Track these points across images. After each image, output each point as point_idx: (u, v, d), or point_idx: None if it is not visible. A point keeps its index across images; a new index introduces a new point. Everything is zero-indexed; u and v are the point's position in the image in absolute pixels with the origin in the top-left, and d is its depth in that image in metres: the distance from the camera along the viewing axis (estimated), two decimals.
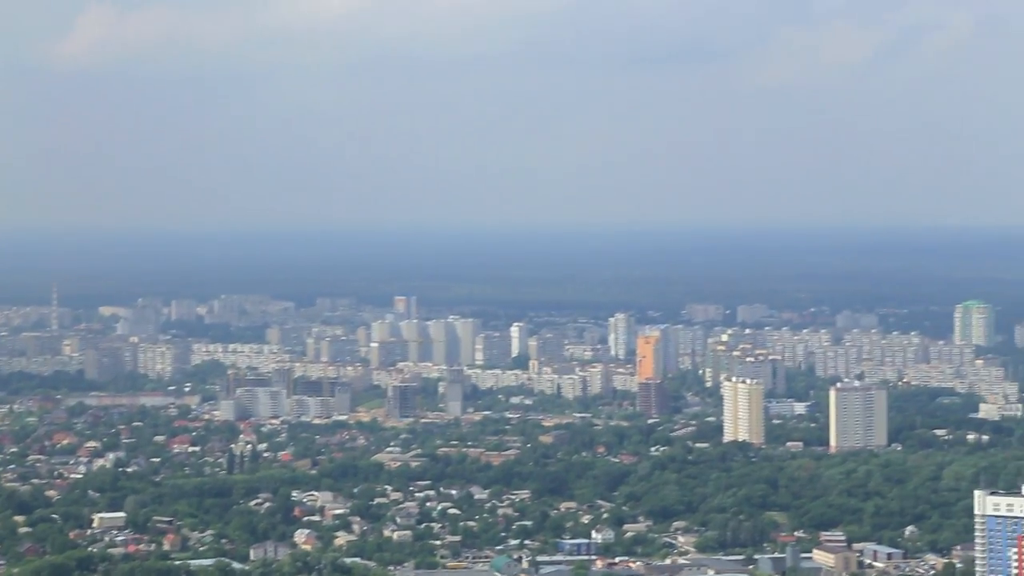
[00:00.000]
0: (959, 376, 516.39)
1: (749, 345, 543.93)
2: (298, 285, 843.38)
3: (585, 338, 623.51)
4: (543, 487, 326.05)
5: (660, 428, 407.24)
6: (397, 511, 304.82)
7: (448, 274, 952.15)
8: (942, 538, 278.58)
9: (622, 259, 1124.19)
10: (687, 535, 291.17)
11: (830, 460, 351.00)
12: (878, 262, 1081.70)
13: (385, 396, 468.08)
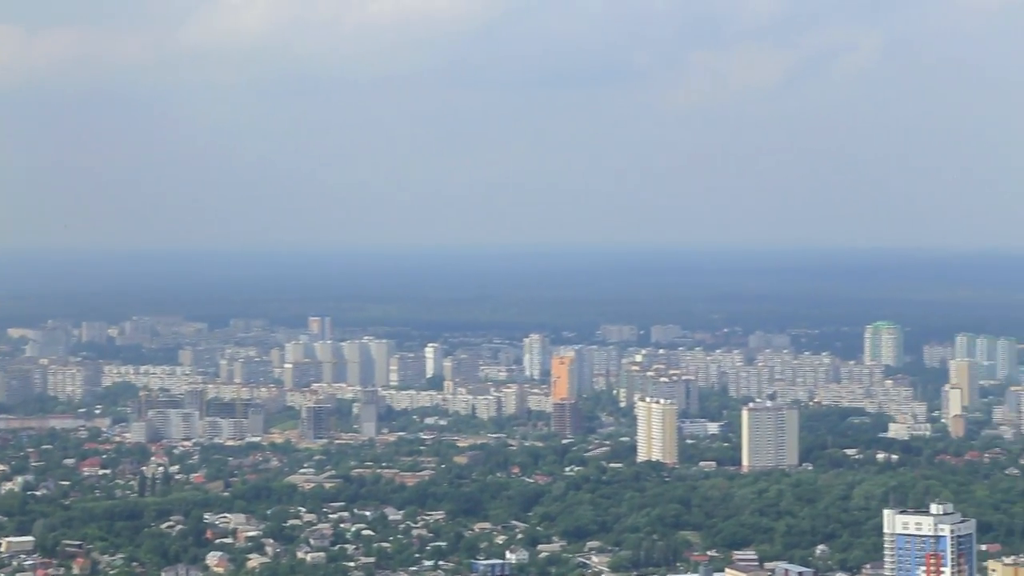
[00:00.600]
0: (869, 396, 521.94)
1: (663, 365, 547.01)
2: (211, 306, 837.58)
3: (500, 359, 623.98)
4: (457, 508, 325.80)
5: (574, 448, 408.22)
6: (311, 533, 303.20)
7: (363, 295, 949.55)
8: (852, 557, 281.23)
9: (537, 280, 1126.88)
10: (601, 555, 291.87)
11: (742, 480, 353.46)
12: (790, 283, 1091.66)
13: (299, 417, 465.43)
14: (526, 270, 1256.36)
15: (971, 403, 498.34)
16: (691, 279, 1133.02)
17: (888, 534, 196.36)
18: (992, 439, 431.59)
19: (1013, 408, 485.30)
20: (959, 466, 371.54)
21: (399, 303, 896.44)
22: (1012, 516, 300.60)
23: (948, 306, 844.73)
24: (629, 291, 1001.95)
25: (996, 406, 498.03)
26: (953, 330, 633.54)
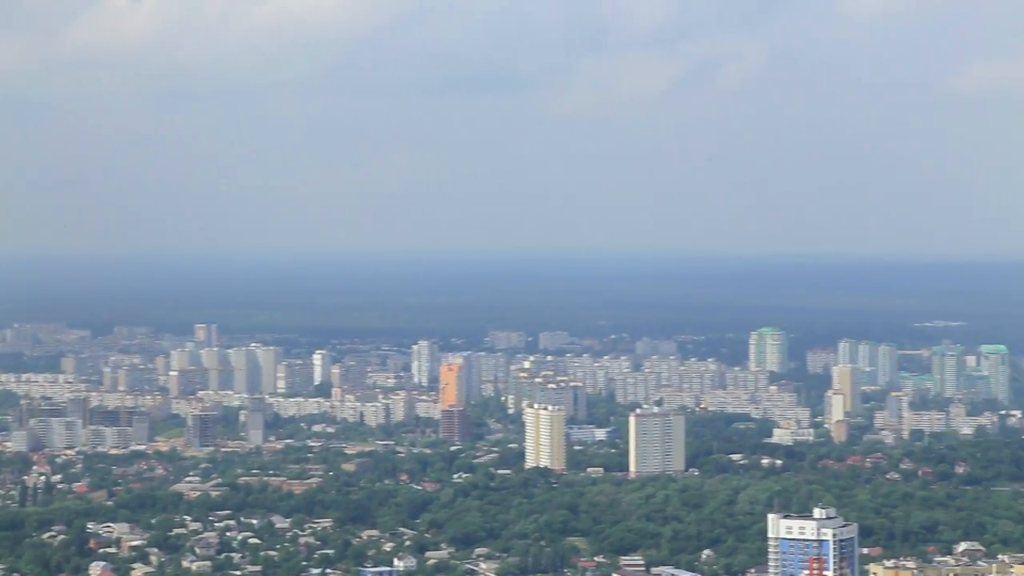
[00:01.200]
0: (754, 402, 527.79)
1: (551, 372, 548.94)
2: (94, 313, 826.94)
3: (388, 365, 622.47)
4: (345, 515, 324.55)
5: (463, 455, 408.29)
6: (196, 542, 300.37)
7: (249, 302, 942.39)
8: (737, 561, 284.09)
9: (425, 286, 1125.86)
10: (489, 561, 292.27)
11: (629, 485, 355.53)
12: (676, 290, 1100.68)
13: (185, 425, 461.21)
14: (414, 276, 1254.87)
15: (853, 408, 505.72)
16: (579, 286, 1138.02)
17: (772, 538, 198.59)
18: (873, 444, 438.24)
19: (894, 413, 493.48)
20: (841, 471, 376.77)
21: (286, 310, 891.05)
22: (893, 520, 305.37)
23: (831, 313, 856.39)
24: (517, 298, 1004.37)
25: (877, 411, 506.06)
26: (836, 336, 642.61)
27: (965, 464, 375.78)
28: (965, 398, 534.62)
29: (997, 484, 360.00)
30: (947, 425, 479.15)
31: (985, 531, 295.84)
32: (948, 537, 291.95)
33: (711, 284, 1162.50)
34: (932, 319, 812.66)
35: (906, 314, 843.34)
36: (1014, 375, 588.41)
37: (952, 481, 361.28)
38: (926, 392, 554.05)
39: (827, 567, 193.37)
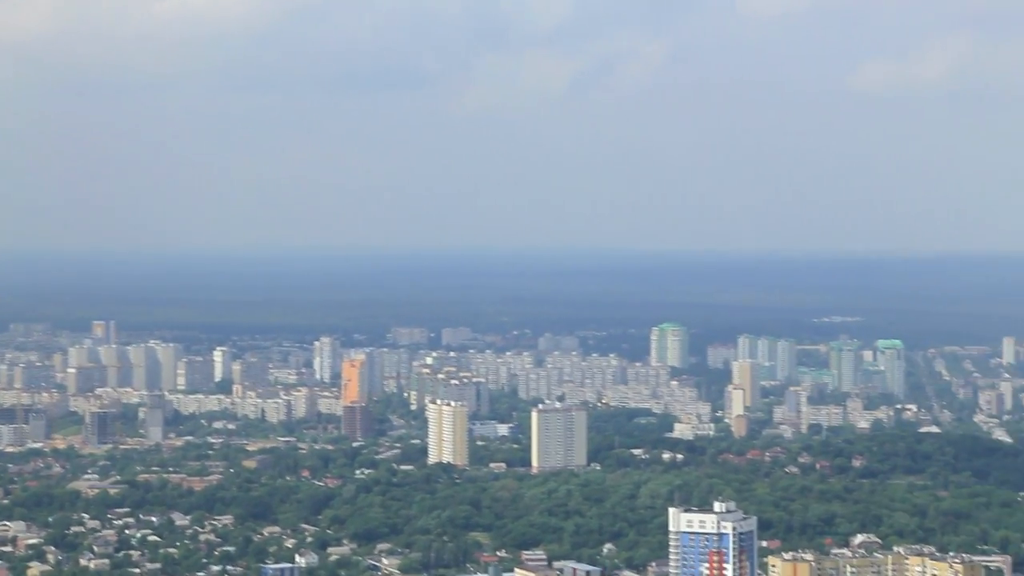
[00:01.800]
0: (655, 397, 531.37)
1: (453, 368, 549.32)
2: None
3: (290, 362, 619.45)
4: (246, 512, 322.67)
5: (365, 451, 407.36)
6: (94, 540, 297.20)
7: (148, 298, 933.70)
8: (638, 555, 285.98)
9: (327, 282, 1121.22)
10: (391, 557, 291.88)
11: (532, 480, 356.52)
12: (578, 286, 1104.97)
13: (83, 423, 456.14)
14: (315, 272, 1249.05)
15: (753, 403, 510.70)
16: (481, 282, 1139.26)
17: (673, 532, 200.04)
18: (773, 438, 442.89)
19: (792, 408, 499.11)
20: (741, 465, 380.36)
21: (186, 306, 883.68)
22: (791, 513, 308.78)
23: (731, 309, 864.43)
24: (420, 294, 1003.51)
25: (776, 406, 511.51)
26: (736, 332, 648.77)
27: (862, 457, 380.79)
28: (862, 392, 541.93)
29: (893, 477, 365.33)
30: (844, 419, 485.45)
31: (881, 523, 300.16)
32: (845, 529, 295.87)
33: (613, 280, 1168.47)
34: (830, 315, 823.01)
35: (804, 310, 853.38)
36: (909, 369, 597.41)
37: (849, 474, 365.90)
38: (824, 387, 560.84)
39: (727, 560, 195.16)
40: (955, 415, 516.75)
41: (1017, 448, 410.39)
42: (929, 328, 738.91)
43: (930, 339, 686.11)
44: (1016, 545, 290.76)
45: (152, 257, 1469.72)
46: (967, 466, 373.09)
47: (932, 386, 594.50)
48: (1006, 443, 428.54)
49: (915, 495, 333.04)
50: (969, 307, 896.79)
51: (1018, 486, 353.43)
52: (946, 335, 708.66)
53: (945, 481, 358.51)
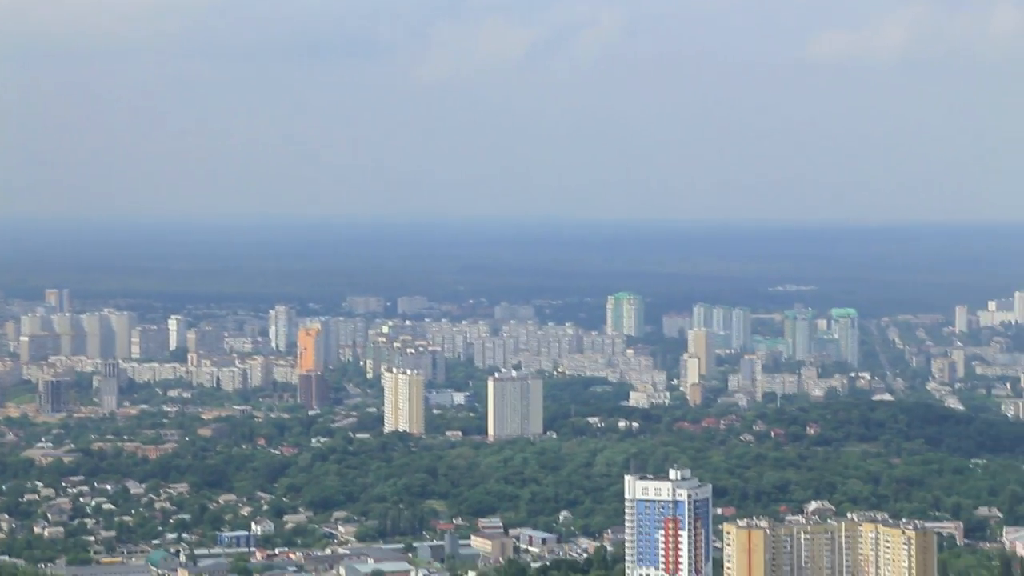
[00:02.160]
0: (611, 365, 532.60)
1: (409, 337, 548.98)
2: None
3: (245, 330, 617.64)
4: (202, 480, 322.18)
5: (321, 419, 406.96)
6: (48, 508, 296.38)
7: (102, 266, 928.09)
8: (594, 522, 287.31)
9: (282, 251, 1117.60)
10: (347, 525, 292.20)
11: (488, 449, 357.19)
12: (534, 254, 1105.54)
13: (36, 391, 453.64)
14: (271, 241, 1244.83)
15: (708, 371, 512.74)
16: (436, 251, 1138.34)
17: (629, 500, 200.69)
18: (728, 406, 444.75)
19: (747, 376, 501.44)
20: (696, 433, 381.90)
21: (140, 275, 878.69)
22: (746, 480, 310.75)
23: (686, 278, 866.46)
24: (375, 262, 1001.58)
25: (731, 374, 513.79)
26: (691, 301, 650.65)
27: (816, 425, 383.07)
28: (816, 361, 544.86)
29: (847, 445, 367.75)
30: (799, 387, 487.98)
31: (835, 490, 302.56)
32: (799, 497, 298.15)
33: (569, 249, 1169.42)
34: (784, 283, 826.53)
35: (759, 279, 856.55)
36: (863, 338, 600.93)
37: (803, 442, 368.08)
38: (778, 355, 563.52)
39: (682, 528, 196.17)
40: (908, 383, 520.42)
41: (969, 416, 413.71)
42: (883, 297, 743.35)
43: (884, 308, 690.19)
44: (968, 511, 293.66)
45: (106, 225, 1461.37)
46: (920, 433, 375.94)
47: (885, 354, 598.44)
48: (958, 411, 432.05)
49: (868, 462, 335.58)
50: (922, 276, 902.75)
51: (970, 453, 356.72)
52: (899, 304, 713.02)
53: (898, 448, 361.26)
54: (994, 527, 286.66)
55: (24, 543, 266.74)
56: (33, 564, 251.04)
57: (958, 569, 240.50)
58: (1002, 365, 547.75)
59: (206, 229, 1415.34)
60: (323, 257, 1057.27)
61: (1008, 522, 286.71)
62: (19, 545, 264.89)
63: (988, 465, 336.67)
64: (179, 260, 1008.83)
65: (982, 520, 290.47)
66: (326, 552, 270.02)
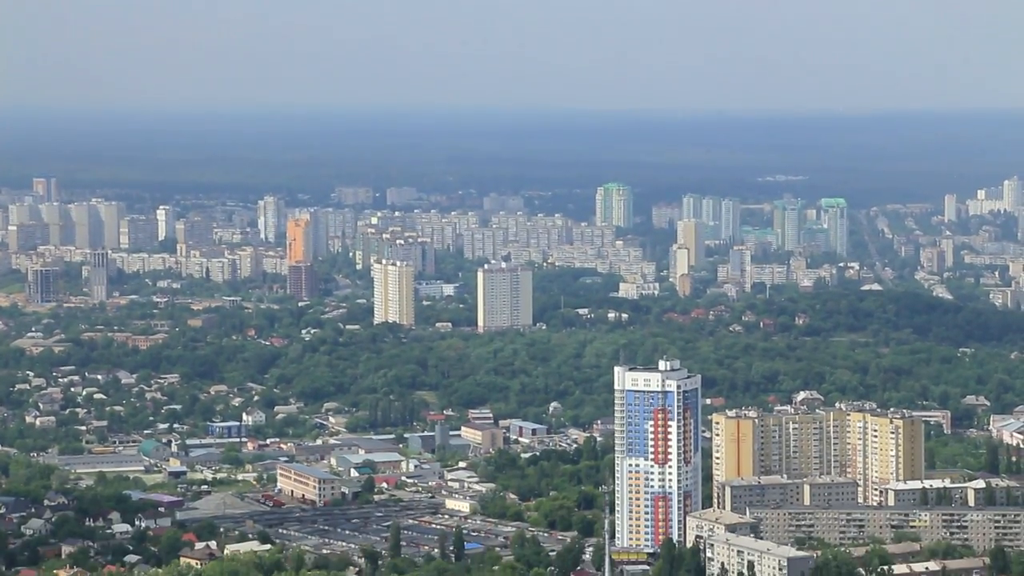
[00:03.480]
0: (600, 257, 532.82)
1: (399, 228, 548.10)
2: None
3: (234, 221, 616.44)
4: (192, 371, 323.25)
5: (311, 311, 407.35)
6: (40, 397, 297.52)
7: (90, 155, 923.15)
8: (584, 413, 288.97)
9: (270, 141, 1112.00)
10: (338, 416, 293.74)
11: (478, 340, 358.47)
12: (522, 145, 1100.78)
13: (25, 280, 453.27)
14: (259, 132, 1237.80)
15: (697, 262, 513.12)
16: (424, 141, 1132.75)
17: (618, 390, 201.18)
18: (717, 297, 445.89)
19: (736, 267, 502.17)
20: (686, 323, 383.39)
21: (129, 164, 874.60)
22: (735, 371, 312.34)
23: (676, 168, 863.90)
24: (364, 153, 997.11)
25: (720, 265, 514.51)
26: (680, 191, 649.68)
27: (805, 316, 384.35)
28: (805, 251, 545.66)
29: (835, 335, 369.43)
30: (788, 278, 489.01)
31: (824, 380, 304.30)
32: (788, 387, 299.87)
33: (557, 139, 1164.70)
34: (774, 174, 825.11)
35: (749, 169, 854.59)
36: (852, 228, 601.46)
37: (792, 332, 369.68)
38: (768, 245, 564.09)
39: (671, 418, 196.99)
40: (897, 273, 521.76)
41: (958, 305, 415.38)
42: (872, 186, 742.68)
43: (873, 197, 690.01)
44: (956, 400, 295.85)
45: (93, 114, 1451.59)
46: (908, 323, 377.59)
47: (874, 244, 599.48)
48: (947, 300, 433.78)
49: (857, 352, 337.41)
50: (912, 165, 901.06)
51: (958, 342, 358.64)
52: (889, 193, 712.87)
53: (886, 338, 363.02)
54: (981, 415, 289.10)
55: (16, 432, 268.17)
56: (25, 453, 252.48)
57: (945, 457, 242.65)
58: (991, 254, 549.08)
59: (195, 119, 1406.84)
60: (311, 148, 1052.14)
61: (995, 410, 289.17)
62: (11, 434, 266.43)
63: (976, 354, 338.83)
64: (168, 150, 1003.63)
65: (969, 408, 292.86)
66: (317, 443, 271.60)
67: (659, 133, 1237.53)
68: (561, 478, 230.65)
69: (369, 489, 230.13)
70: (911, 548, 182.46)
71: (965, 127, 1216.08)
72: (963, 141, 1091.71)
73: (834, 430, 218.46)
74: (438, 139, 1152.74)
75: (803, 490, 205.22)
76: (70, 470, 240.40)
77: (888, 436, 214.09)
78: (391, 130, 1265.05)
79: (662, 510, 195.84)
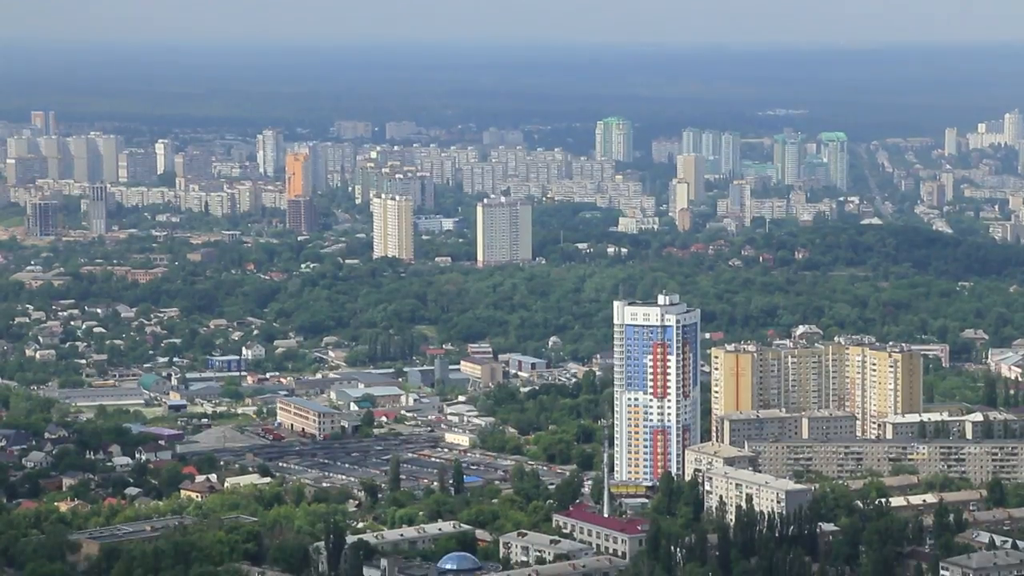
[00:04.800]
0: (600, 191, 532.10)
1: (398, 162, 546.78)
2: None
3: (233, 155, 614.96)
4: (192, 305, 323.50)
5: (310, 245, 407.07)
6: (39, 331, 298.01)
7: (88, 88, 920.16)
8: (583, 347, 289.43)
9: (269, 75, 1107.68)
10: (337, 350, 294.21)
11: (477, 274, 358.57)
12: (523, 79, 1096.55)
13: (24, 214, 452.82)
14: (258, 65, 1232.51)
15: (697, 197, 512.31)
16: (423, 75, 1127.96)
17: (617, 325, 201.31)
18: (716, 231, 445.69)
19: (736, 201, 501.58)
20: (685, 258, 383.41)
21: (127, 97, 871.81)
22: (734, 305, 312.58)
23: (675, 102, 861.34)
24: (363, 87, 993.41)
25: (720, 199, 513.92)
26: (680, 125, 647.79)
27: (804, 250, 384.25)
28: (805, 185, 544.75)
29: (835, 269, 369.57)
30: (787, 212, 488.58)
31: (823, 314, 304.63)
32: (787, 321, 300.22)
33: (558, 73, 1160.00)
34: (774, 107, 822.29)
35: (749, 102, 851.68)
36: (852, 162, 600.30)
37: (791, 266, 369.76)
38: (767, 180, 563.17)
39: (670, 352, 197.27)
40: (897, 207, 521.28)
41: (957, 238, 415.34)
42: (873, 120, 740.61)
43: (873, 131, 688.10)
44: (954, 334, 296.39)
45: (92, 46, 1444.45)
46: (908, 257, 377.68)
47: (875, 178, 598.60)
48: (946, 233, 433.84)
49: (856, 286, 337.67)
50: (913, 99, 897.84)
51: (957, 276, 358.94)
52: (889, 127, 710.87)
53: (886, 272, 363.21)
54: (979, 349, 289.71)
55: (16, 365, 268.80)
56: (25, 386, 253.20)
57: (943, 390, 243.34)
58: (991, 187, 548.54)
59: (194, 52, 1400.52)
60: (311, 81, 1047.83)
61: (993, 344, 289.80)
62: (11, 367, 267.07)
63: (975, 288, 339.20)
64: (166, 83, 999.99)
65: (968, 342, 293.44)
66: (316, 377, 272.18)
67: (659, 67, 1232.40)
68: (560, 412, 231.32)
69: (369, 423, 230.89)
70: (909, 481, 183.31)
71: (966, 60, 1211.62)
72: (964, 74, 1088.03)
73: (833, 364, 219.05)
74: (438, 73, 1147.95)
75: (801, 424, 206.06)
76: (70, 403, 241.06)
77: (887, 370, 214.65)
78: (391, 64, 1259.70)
79: (661, 444, 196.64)
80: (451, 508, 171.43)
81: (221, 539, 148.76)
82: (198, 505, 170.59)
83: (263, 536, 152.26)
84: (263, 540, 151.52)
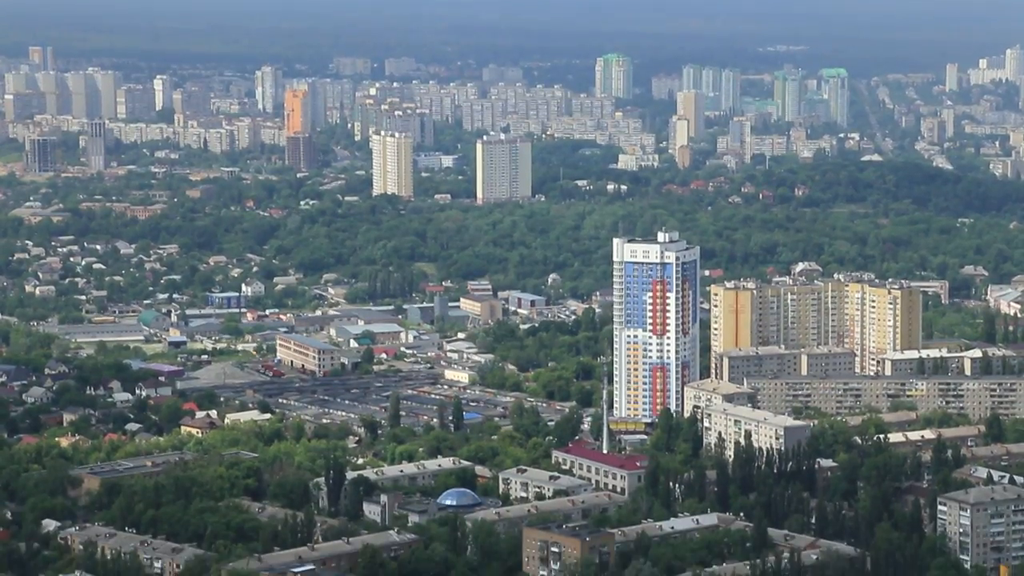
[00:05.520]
0: (600, 128, 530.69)
1: (397, 99, 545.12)
2: None
3: (231, 91, 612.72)
4: (191, 241, 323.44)
5: (309, 182, 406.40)
6: (39, 267, 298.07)
7: (86, 23, 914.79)
8: (583, 285, 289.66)
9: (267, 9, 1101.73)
10: (337, 287, 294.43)
11: (477, 212, 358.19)
12: (522, 15, 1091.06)
13: (22, 150, 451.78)
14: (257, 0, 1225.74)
15: (697, 134, 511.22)
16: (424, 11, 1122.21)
17: (617, 262, 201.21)
18: (716, 168, 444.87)
19: (736, 138, 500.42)
20: (685, 195, 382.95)
21: (125, 33, 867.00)
22: (734, 243, 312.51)
23: (675, 38, 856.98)
24: (362, 22, 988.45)
25: (720, 136, 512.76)
26: (680, 62, 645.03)
27: (804, 187, 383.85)
28: (805, 122, 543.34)
29: (835, 206, 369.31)
30: (788, 149, 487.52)
31: (822, 252, 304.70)
32: (787, 258, 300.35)
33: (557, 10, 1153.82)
34: (775, 43, 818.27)
35: (749, 38, 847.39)
36: (853, 98, 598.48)
37: (791, 204, 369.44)
38: (768, 116, 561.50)
39: (670, 289, 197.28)
40: (897, 143, 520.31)
41: (957, 175, 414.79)
42: (873, 56, 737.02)
43: (874, 67, 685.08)
44: (954, 270, 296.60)
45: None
46: (908, 194, 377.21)
47: (875, 114, 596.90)
48: (947, 170, 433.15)
49: (856, 223, 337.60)
50: (913, 34, 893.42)
51: (957, 212, 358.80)
52: (890, 63, 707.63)
53: (886, 209, 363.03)
54: (979, 285, 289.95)
55: (16, 301, 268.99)
56: (25, 322, 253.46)
57: (943, 327, 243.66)
58: (991, 124, 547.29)
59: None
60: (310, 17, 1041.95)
61: (993, 280, 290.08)
62: (11, 303, 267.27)
63: (975, 224, 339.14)
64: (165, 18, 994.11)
65: (967, 279, 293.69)
66: (316, 313, 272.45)
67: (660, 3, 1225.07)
68: (559, 349, 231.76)
69: (368, 360, 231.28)
70: (907, 417, 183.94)
71: None
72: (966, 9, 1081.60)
73: (832, 301, 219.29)
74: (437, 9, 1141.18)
75: (800, 360, 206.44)
76: (70, 339, 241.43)
77: (886, 306, 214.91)
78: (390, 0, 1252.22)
79: (660, 381, 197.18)
80: (451, 444, 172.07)
81: (221, 475, 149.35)
82: (198, 441, 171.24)
83: (263, 472, 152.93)
84: (263, 476, 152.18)
